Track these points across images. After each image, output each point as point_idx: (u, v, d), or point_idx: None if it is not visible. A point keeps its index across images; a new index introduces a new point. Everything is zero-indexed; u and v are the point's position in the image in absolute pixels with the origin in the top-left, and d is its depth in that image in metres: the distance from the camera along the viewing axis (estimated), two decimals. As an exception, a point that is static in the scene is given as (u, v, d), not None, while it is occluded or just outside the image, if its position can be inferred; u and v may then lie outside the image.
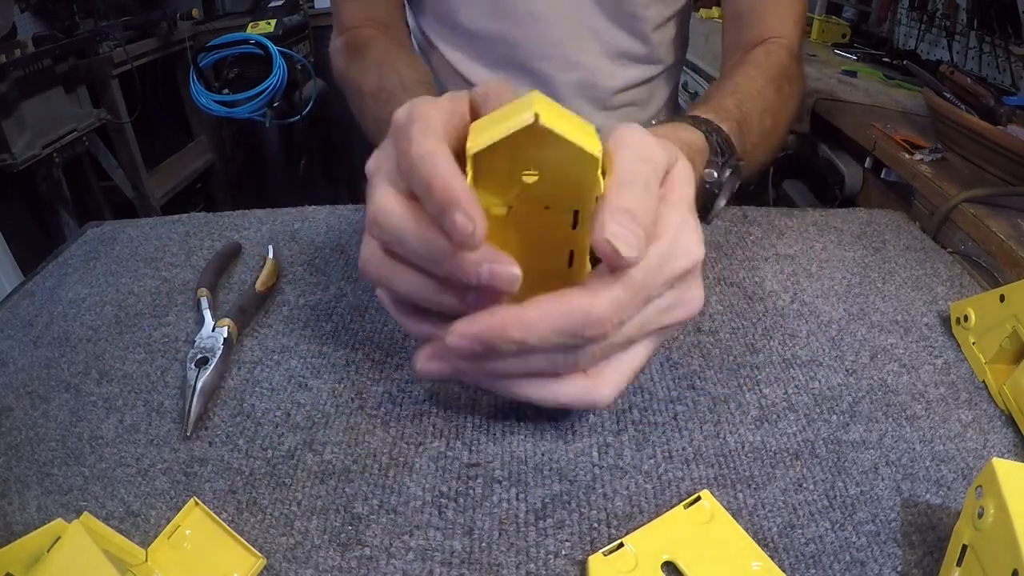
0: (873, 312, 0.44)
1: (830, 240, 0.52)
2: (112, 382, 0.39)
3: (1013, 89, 1.10)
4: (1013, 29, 1.09)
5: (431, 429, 0.35)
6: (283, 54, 1.78)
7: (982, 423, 0.35)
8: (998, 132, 0.79)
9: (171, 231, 0.55)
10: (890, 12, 1.49)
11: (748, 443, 0.34)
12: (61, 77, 1.67)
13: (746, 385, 0.38)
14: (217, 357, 0.38)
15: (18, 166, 1.49)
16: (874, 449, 0.34)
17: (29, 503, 0.32)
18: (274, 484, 0.32)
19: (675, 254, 0.28)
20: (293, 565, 0.29)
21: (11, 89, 1.45)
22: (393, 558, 0.29)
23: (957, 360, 0.40)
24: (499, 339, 0.26)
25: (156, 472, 0.33)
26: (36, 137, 1.56)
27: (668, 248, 0.27)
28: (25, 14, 1.68)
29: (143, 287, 0.47)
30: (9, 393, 0.38)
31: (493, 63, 0.67)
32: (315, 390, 0.38)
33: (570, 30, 0.65)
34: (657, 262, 0.27)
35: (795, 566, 0.28)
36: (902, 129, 0.96)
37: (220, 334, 0.40)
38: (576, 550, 0.29)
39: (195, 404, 0.36)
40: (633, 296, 0.27)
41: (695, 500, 0.30)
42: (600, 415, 0.35)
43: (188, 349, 0.39)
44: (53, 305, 0.46)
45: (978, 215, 0.69)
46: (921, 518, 0.30)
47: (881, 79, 1.25)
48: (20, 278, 1.54)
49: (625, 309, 0.27)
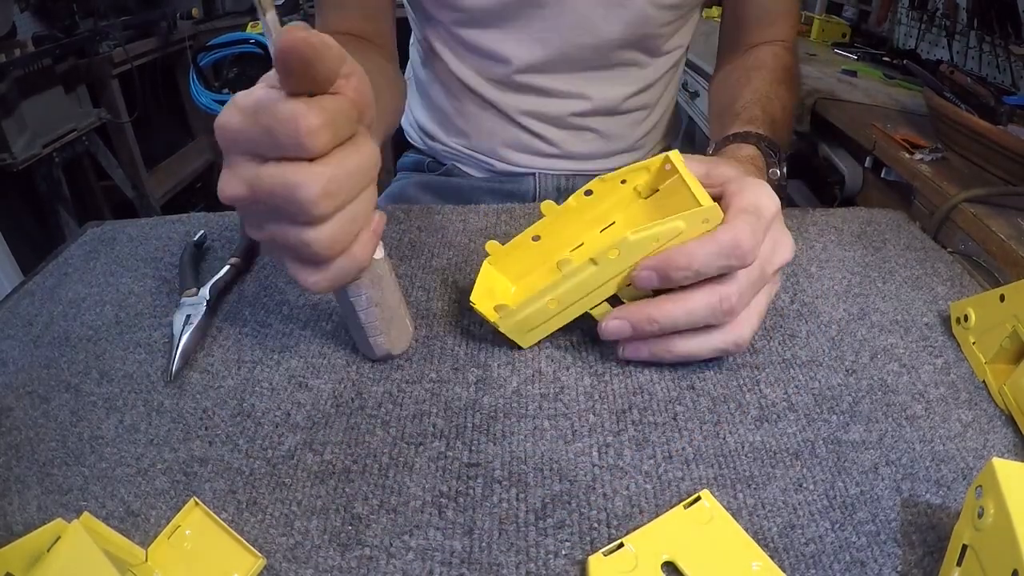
0: (873, 312, 0.44)
1: (830, 240, 0.52)
2: (112, 382, 0.39)
3: (1013, 89, 1.10)
4: (1013, 29, 1.09)
5: (431, 429, 0.35)
6: (283, 54, 1.78)
7: (982, 423, 0.35)
8: (998, 132, 0.79)
9: (171, 231, 0.55)
10: (890, 12, 1.49)
11: (748, 443, 0.34)
12: (61, 77, 1.67)
13: (746, 385, 0.38)
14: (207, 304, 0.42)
15: (18, 166, 1.49)
16: (874, 449, 0.34)
17: (29, 503, 0.32)
18: (274, 484, 0.32)
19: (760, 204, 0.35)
20: (293, 565, 0.29)
21: (11, 89, 1.45)
22: (393, 558, 0.29)
23: (957, 360, 0.40)
24: (671, 267, 0.34)
25: (156, 472, 0.33)
26: (36, 137, 1.56)
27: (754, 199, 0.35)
28: (25, 14, 1.68)
29: (143, 287, 0.47)
30: (9, 393, 0.38)
31: (497, 75, 0.67)
32: (315, 390, 0.38)
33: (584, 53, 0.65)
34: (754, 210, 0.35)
35: (795, 566, 0.28)
36: (902, 129, 0.96)
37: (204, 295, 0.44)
38: (576, 550, 0.29)
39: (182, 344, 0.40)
40: (757, 229, 0.34)
41: (695, 500, 0.30)
42: (600, 415, 0.36)
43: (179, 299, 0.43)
44: (53, 305, 0.46)
45: (978, 215, 0.69)
46: (921, 518, 0.30)
47: (881, 79, 1.25)
48: (20, 278, 1.54)
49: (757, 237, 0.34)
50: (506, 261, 0.42)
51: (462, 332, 0.42)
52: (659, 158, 0.38)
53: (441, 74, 0.71)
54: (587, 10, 0.61)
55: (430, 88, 0.74)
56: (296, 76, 0.26)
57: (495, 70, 0.67)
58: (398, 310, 0.38)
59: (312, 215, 0.28)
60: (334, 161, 0.28)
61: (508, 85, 0.67)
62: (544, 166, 0.72)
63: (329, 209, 0.28)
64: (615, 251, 0.35)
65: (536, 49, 0.64)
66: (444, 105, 0.73)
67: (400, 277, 0.47)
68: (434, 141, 0.76)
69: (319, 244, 0.29)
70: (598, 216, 0.41)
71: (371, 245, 0.32)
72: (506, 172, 0.73)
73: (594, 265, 0.35)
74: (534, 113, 0.68)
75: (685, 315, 0.35)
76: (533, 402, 0.37)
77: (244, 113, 0.27)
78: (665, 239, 0.34)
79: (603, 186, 0.40)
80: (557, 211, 0.40)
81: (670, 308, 0.35)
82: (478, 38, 0.65)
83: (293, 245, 0.29)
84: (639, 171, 0.39)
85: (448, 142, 0.75)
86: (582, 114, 0.68)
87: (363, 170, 0.30)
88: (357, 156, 0.29)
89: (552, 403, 0.36)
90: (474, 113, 0.71)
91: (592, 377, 0.38)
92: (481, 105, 0.70)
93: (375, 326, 0.37)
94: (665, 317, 0.35)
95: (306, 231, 0.28)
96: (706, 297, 0.35)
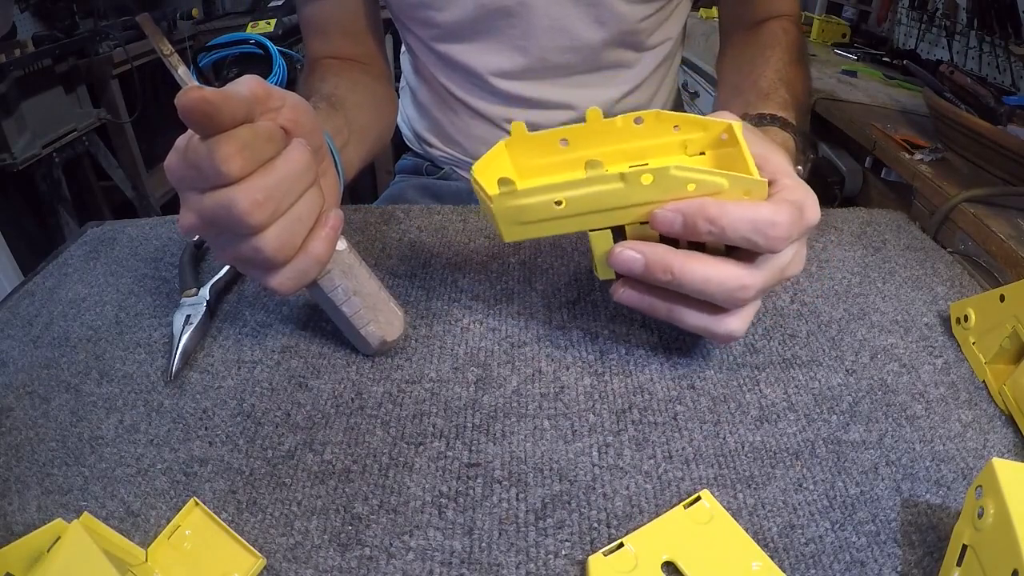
0: (873, 312, 0.44)
1: (830, 240, 0.52)
2: (112, 382, 0.39)
3: (1013, 89, 1.10)
4: (1013, 29, 1.09)
5: (431, 429, 0.35)
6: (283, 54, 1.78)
7: (982, 423, 0.35)
8: (998, 132, 0.79)
9: (171, 231, 0.55)
10: (890, 12, 1.49)
11: (748, 443, 0.34)
12: (61, 77, 1.67)
13: (746, 385, 0.38)
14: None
15: (18, 166, 1.49)
16: (874, 449, 0.34)
17: (29, 503, 0.32)
18: (274, 484, 0.32)
19: (807, 206, 0.34)
20: (293, 565, 0.29)
21: (11, 89, 1.45)
22: (393, 558, 0.29)
23: (957, 360, 0.40)
24: (701, 215, 0.31)
25: (156, 472, 0.33)
26: (36, 137, 1.56)
27: (803, 199, 0.33)
28: (25, 14, 1.68)
29: (143, 287, 0.47)
30: (9, 393, 0.38)
31: (488, 92, 0.67)
32: (315, 390, 0.38)
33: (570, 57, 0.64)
34: (800, 206, 0.33)
35: (795, 566, 0.28)
36: (902, 129, 0.96)
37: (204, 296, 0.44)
38: (576, 550, 0.29)
39: (182, 343, 0.40)
40: (797, 221, 0.32)
41: (695, 500, 0.30)
42: (600, 415, 0.36)
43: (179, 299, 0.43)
44: (53, 305, 0.46)
45: (978, 215, 0.69)
46: (921, 518, 0.30)
47: (881, 79, 1.25)
48: (20, 278, 1.54)
49: (794, 230, 0.32)
50: (522, 150, 0.38)
51: (462, 332, 0.42)
52: (719, 124, 0.35)
53: (430, 86, 0.71)
54: (559, 14, 0.61)
55: (422, 98, 0.74)
56: (201, 127, 0.29)
57: (478, 83, 0.66)
58: (379, 294, 0.39)
59: (251, 225, 0.31)
60: (259, 176, 0.31)
61: (495, 96, 0.67)
62: None
63: (264, 217, 0.31)
64: (650, 177, 0.31)
65: (516, 58, 0.64)
66: (436, 115, 0.73)
67: (400, 277, 0.47)
68: (430, 147, 0.76)
69: (268, 248, 0.32)
70: (636, 150, 0.37)
71: (329, 241, 0.35)
72: None
73: (621, 182, 0.32)
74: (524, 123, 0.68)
75: (702, 281, 0.33)
76: (533, 402, 0.37)
77: (178, 154, 0.31)
78: (704, 190, 0.32)
79: (656, 123, 0.36)
80: (599, 124, 0.36)
81: (693, 266, 0.32)
82: (458, 52, 0.65)
83: (248, 256, 0.32)
84: (694, 125, 0.36)
85: (444, 149, 0.75)
86: (571, 123, 0.68)
87: (293, 177, 0.33)
88: (285, 166, 0.32)
89: (552, 403, 0.36)
90: (465, 123, 0.71)
91: (592, 377, 0.38)
92: (471, 115, 0.70)
93: (361, 315, 0.38)
94: (683, 273, 0.32)
95: (252, 240, 0.32)
96: (730, 274, 0.33)
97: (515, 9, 0.60)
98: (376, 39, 0.68)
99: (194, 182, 0.31)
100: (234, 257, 0.33)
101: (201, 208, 0.31)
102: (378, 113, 0.63)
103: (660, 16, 0.66)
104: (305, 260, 0.34)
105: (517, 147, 0.38)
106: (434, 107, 0.73)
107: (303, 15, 0.65)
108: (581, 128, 0.37)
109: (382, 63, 0.70)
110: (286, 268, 0.34)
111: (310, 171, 0.34)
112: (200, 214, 0.32)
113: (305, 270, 0.34)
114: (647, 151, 0.37)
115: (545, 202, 0.33)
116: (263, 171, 0.31)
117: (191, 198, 0.32)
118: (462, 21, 0.62)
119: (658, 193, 0.32)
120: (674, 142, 0.37)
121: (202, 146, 0.30)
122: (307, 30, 0.66)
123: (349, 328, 0.38)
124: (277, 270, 0.34)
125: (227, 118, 0.30)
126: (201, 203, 0.31)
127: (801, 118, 0.53)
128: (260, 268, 0.34)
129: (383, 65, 0.70)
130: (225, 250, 0.33)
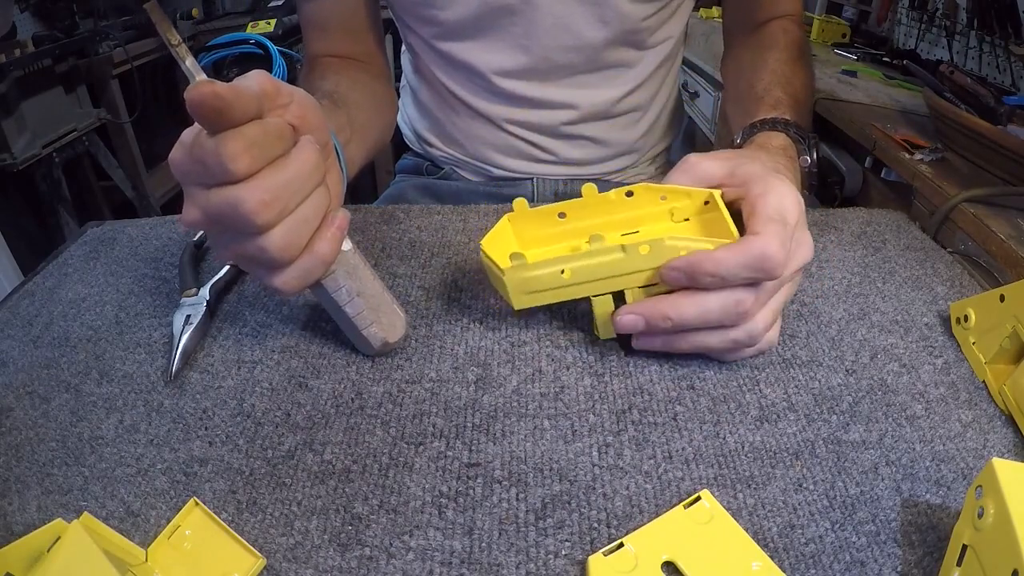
0: (873, 312, 0.44)
1: (830, 240, 0.52)
2: (112, 382, 0.39)
3: (1013, 89, 1.10)
4: (1013, 29, 1.09)
5: (431, 429, 0.35)
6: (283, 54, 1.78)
7: (982, 423, 0.35)
8: (998, 132, 0.79)
9: (171, 231, 0.55)
10: (890, 12, 1.49)
11: (748, 443, 0.34)
12: (61, 77, 1.67)
13: (746, 385, 0.38)
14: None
15: (18, 166, 1.48)
16: (874, 449, 0.34)
17: (29, 503, 0.32)
18: (274, 484, 0.32)
19: (785, 209, 0.36)
20: (293, 565, 0.29)
21: (11, 89, 1.45)
22: (393, 558, 0.29)
23: (957, 360, 0.40)
24: (698, 271, 0.34)
25: (156, 472, 0.33)
26: (36, 137, 1.56)
27: (778, 204, 0.35)
28: (25, 14, 1.68)
29: (143, 287, 0.47)
30: (9, 393, 0.38)
31: (489, 91, 0.67)
32: (315, 390, 0.38)
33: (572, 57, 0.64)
34: (780, 217, 0.35)
35: (795, 566, 0.28)
36: (902, 129, 0.96)
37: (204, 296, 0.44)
38: (576, 550, 0.29)
39: (182, 343, 0.40)
40: (785, 240, 0.34)
41: (695, 500, 0.30)
42: (600, 415, 0.36)
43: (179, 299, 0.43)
44: (53, 305, 0.46)
45: (978, 215, 0.69)
46: (921, 518, 0.30)
47: (881, 79, 1.25)
48: (20, 278, 1.54)
49: (786, 248, 0.34)
50: (524, 223, 0.42)
51: (462, 332, 0.42)
52: (702, 192, 0.39)
53: (431, 85, 0.71)
54: (562, 12, 0.61)
55: (423, 98, 0.74)
56: (209, 123, 0.29)
57: (480, 82, 0.66)
58: (383, 296, 0.39)
59: (257, 224, 0.31)
60: (267, 174, 0.31)
61: (496, 96, 0.67)
62: (541, 171, 0.72)
63: (271, 216, 0.31)
64: (647, 247, 0.35)
65: (519, 57, 0.64)
66: (437, 114, 0.73)
67: (400, 277, 0.47)
68: (431, 147, 0.76)
69: (273, 248, 0.32)
70: (628, 219, 0.41)
71: (335, 241, 0.35)
72: (503, 177, 0.73)
73: (622, 253, 0.36)
74: (525, 123, 0.68)
75: (699, 315, 0.35)
76: (533, 401, 0.37)
77: (184, 149, 0.31)
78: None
79: (645, 194, 0.40)
80: (594, 198, 0.40)
81: (684, 307, 0.36)
82: (460, 51, 0.65)
83: (253, 255, 0.32)
84: (679, 195, 0.40)
85: (444, 149, 0.75)
86: (572, 122, 0.68)
87: (302, 176, 0.32)
88: (294, 166, 0.32)
89: (552, 403, 0.36)
90: (466, 123, 0.71)
91: (592, 377, 0.38)
92: (472, 115, 0.70)
93: (364, 316, 0.38)
94: (679, 315, 0.36)
95: (258, 239, 0.31)
96: (721, 299, 0.35)
97: (519, 8, 0.60)
98: (376, 37, 0.68)
99: (199, 177, 0.31)
100: (237, 255, 0.33)
101: (206, 205, 0.31)
102: (378, 111, 0.63)
103: (663, 15, 0.66)
104: (310, 260, 0.34)
105: (519, 221, 0.42)
106: (435, 107, 0.73)
107: (303, 12, 0.65)
108: (577, 202, 0.40)
109: (382, 62, 0.70)
110: (290, 268, 0.34)
111: (318, 170, 0.34)
112: (204, 210, 0.31)
113: (310, 270, 0.34)
114: (638, 220, 0.41)
115: (553, 273, 0.37)
116: (271, 170, 0.31)
117: (196, 193, 0.31)
118: (465, 19, 0.62)
119: (655, 261, 0.36)
120: (662, 210, 0.41)
121: (209, 142, 0.29)
122: (307, 27, 0.66)
123: (351, 329, 0.38)
124: (281, 270, 0.33)
125: (237, 114, 0.29)
126: (206, 199, 0.31)
127: (799, 111, 0.53)
128: (264, 267, 0.34)
129: (383, 64, 0.70)
130: (228, 248, 0.33)
